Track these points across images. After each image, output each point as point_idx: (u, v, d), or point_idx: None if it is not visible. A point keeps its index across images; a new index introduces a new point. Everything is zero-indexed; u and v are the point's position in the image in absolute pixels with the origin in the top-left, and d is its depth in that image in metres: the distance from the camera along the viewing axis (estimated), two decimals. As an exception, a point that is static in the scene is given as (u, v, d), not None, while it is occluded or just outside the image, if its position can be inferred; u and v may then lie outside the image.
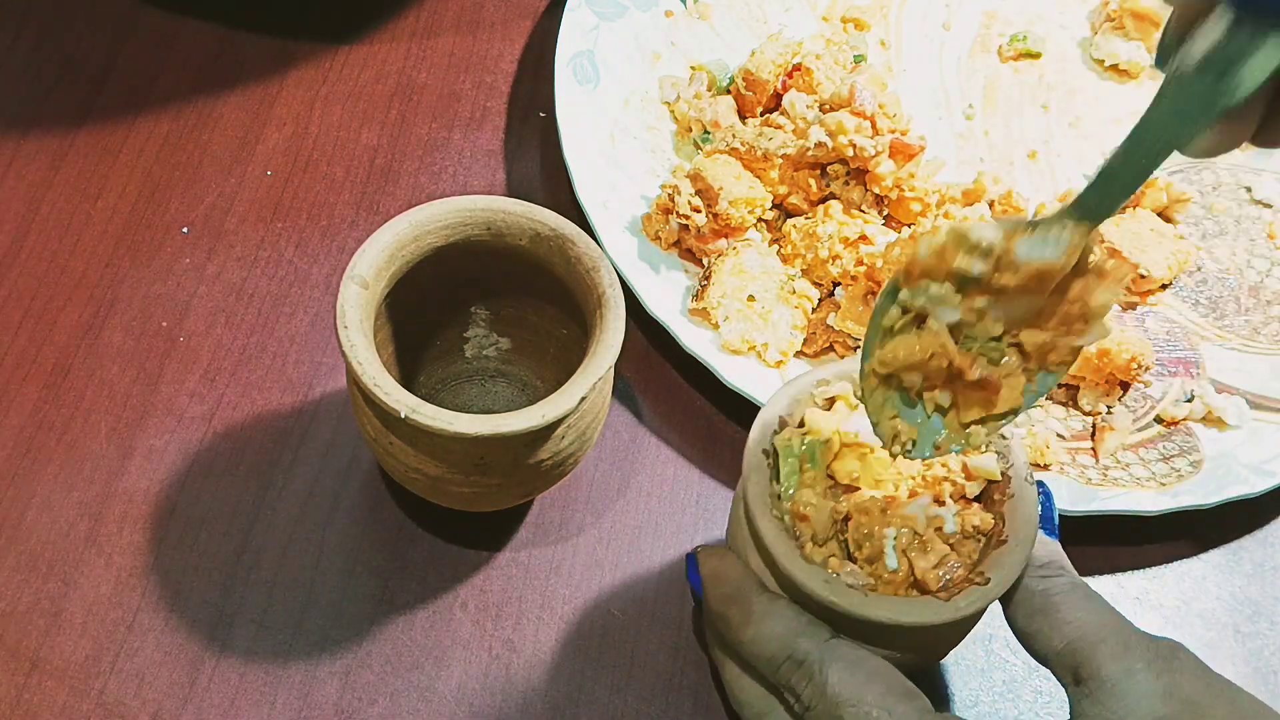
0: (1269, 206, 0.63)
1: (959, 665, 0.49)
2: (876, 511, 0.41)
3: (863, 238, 0.55)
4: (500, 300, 0.50)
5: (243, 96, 0.62)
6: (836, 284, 0.56)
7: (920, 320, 0.39)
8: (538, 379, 0.52)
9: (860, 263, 0.55)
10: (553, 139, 0.62)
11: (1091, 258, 0.37)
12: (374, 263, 0.43)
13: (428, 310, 0.49)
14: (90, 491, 0.50)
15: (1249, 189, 0.64)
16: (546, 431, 0.42)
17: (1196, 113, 0.34)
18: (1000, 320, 0.38)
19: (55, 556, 0.48)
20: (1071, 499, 0.51)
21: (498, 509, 0.49)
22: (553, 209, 0.46)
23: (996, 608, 0.43)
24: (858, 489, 0.42)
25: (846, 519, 0.41)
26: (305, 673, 0.47)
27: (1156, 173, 0.61)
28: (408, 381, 0.50)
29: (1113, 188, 0.36)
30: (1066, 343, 0.38)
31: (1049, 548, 0.42)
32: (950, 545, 0.42)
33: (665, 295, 0.55)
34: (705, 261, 0.56)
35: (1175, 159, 0.64)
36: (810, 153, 0.56)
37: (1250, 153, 0.65)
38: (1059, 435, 0.54)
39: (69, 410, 0.52)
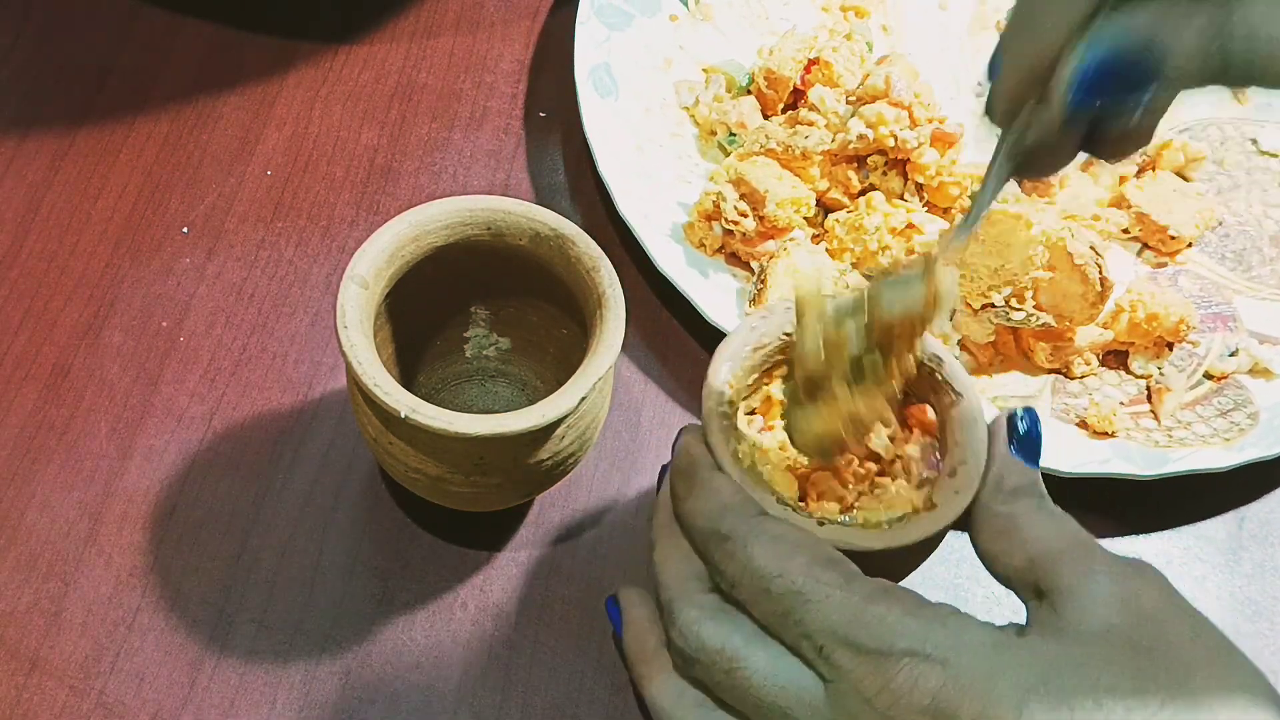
0: (1276, 156, 0.64)
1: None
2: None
3: (910, 226, 0.56)
4: (500, 300, 0.50)
5: (243, 96, 0.62)
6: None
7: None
8: (538, 379, 0.52)
9: (911, 251, 0.55)
10: (554, 139, 0.62)
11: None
12: (374, 263, 0.43)
13: (428, 310, 0.49)
14: (90, 491, 0.50)
15: (1254, 141, 0.65)
16: (546, 431, 0.42)
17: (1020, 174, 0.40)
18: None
19: (55, 556, 0.48)
20: (1145, 463, 0.52)
21: (498, 509, 0.49)
22: (554, 209, 0.46)
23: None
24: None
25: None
26: (305, 673, 0.47)
27: (1169, 134, 0.63)
28: (408, 381, 0.50)
29: (962, 230, 0.40)
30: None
31: (1025, 475, 0.40)
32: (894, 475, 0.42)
33: (720, 302, 0.55)
34: (757, 265, 0.56)
35: (1178, 121, 0.65)
36: (851, 145, 0.57)
37: (1252, 105, 0.66)
38: (1120, 403, 0.55)
39: (69, 410, 0.52)
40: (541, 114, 0.63)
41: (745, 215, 0.55)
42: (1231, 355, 0.57)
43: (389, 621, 0.48)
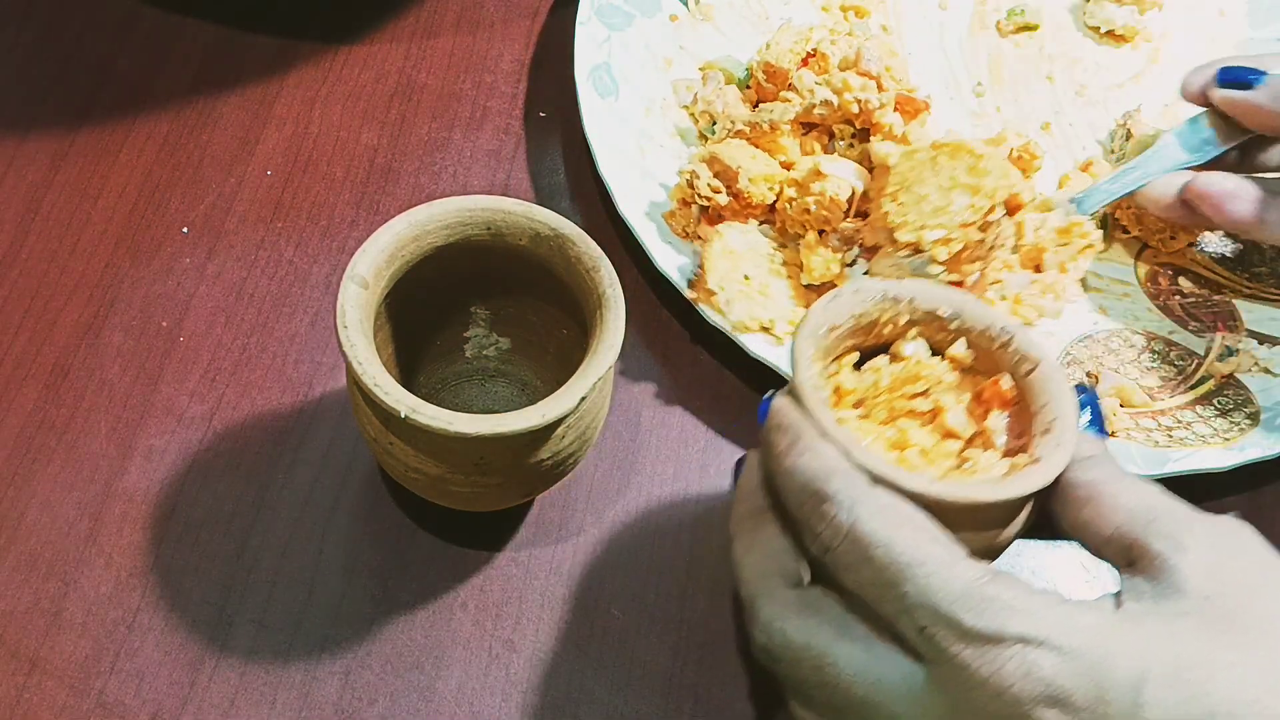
0: None
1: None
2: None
3: (816, 172, 0.55)
4: (500, 300, 0.50)
5: (243, 96, 0.62)
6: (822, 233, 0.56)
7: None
8: (538, 379, 0.52)
9: (814, 197, 0.54)
10: (554, 139, 0.62)
11: None
12: (374, 263, 0.43)
13: (428, 310, 0.49)
14: (90, 491, 0.50)
15: None
16: (546, 431, 0.42)
17: None
18: None
19: (55, 556, 0.48)
20: (1145, 463, 0.52)
21: (498, 509, 0.49)
22: (554, 209, 0.46)
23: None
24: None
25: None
26: (305, 673, 0.47)
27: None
28: (408, 381, 0.50)
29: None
30: None
31: (1096, 444, 0.40)
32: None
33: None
34: (696, 249, 0.56)
35: (1178, 121, 0.65)
36: (816, 110, 0.56)
37: None
38: (1120, 404, 0.55)
39: (69, 410, 0.52)
40: (541, 114, 0.63)
41: (719, 191, 0.55)
42: (1231, 355, 0.57)
43: (389, 621, 0.48)
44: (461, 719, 0.46)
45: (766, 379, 0.54)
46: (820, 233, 0.55)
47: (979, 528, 0.38)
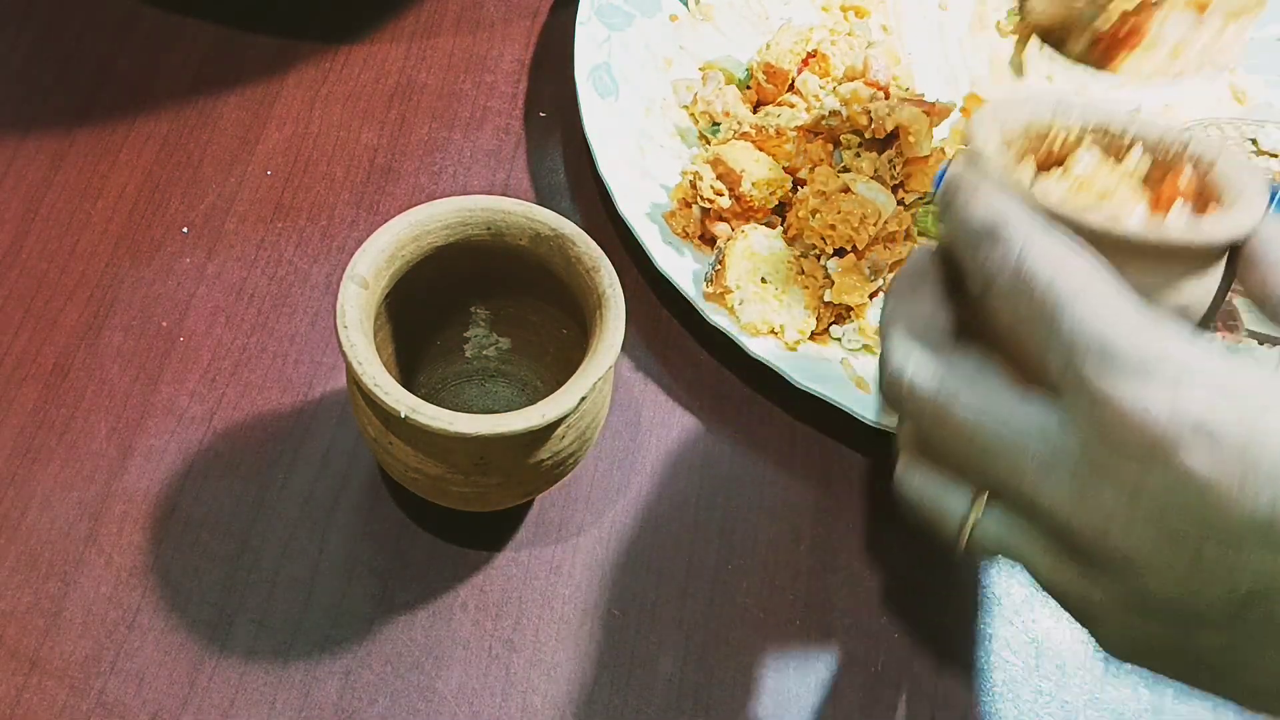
0: (1276, 156, 0.65)
1: (956, 664, 0.49)
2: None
3: (845, 189, 0.55)
4: (500, 300, 0.50)
5: (243, 96, 0.62)
6: (841, 250, 0.56)
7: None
8: (538, 379, 0.52)
9: (841, 215, 0.54)
10: (554, 139, 0.62)
11: None
12: (374, 263, 0.43)
13: (428, 310, 0.49)
14: (90, 491, 0.50)
15: (1254, 141, 0.65)
16: (546, 431, 0.42)
17: None
18: None
19: (55, 556, 0.48)
20: None
21: (498, 509, 0.49)
22: (554, 209, 0.46)
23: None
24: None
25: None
26: (305, 673, 0.47)
27: None
28: (408, 381, 0.50)
29: None
30: None
31: None
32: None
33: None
34: (717, 245, 0.56)
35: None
36: (825, 121, 0.56)
37: (1250, 105, 0.67)
38: None
39: (69, 410, 0.52)
40: (541, 114, 0.63)
41: (721, 194, 0.55)
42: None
43: (389, 621, 0.48)
44: (461, 719, 0.46)
45: (767, 379, 0.54)
46: (842, 251, 0.55)
47: (1163, 277, 0.36)
